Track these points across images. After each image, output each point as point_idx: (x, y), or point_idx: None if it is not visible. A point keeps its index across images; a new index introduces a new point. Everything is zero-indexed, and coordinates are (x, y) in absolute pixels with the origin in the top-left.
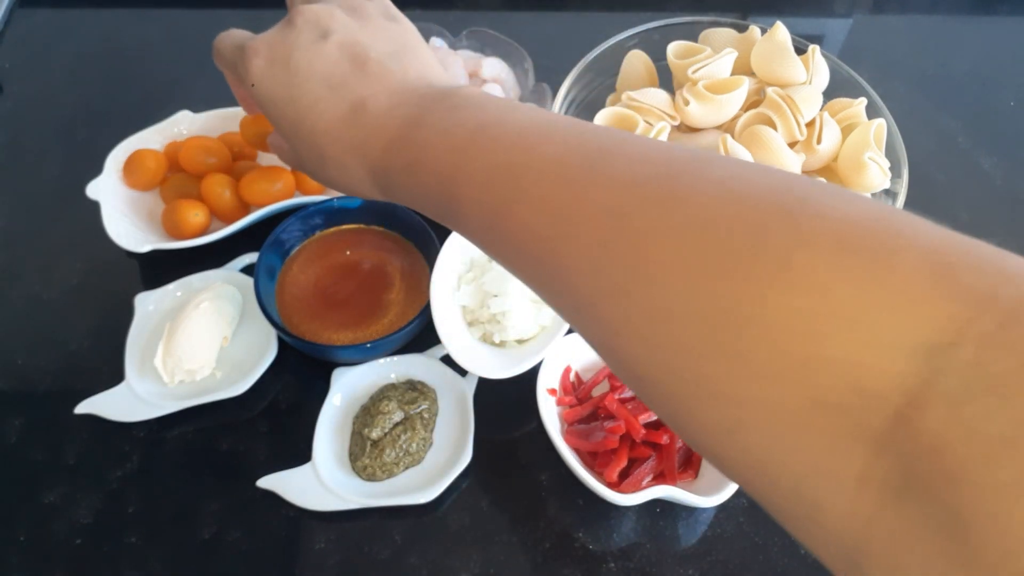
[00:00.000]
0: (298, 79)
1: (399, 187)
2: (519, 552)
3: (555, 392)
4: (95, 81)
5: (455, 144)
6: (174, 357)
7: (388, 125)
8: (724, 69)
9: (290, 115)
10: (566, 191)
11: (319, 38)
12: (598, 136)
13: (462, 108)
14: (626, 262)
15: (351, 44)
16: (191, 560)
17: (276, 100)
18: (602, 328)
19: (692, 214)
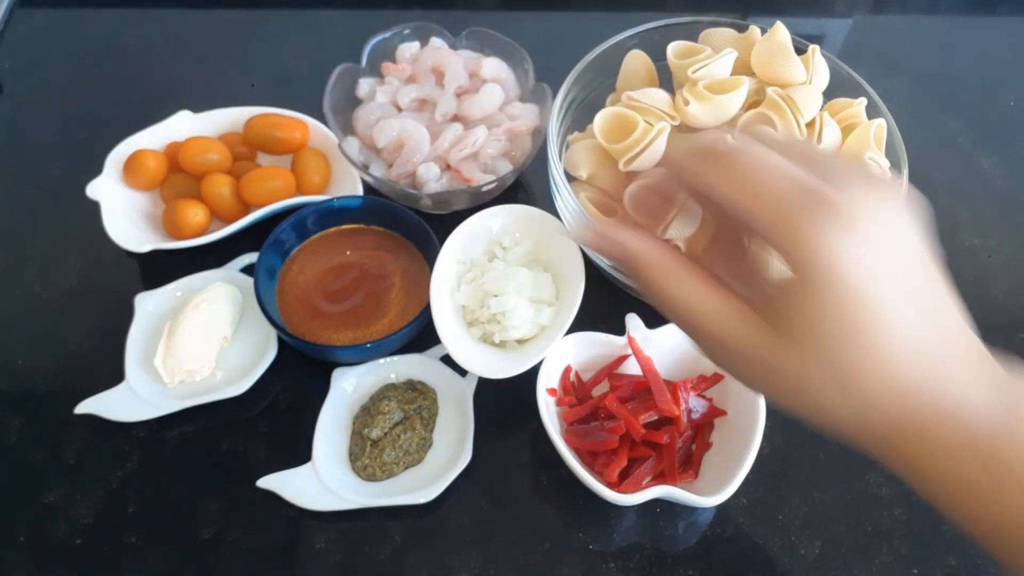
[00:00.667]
0: (882, 276)
1: (941, 471)
2: (519, 552)
3: (555, 392)
4: (95, 81)
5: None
6: (174, 357)
7: (970, 401)
8: (724, 69)
9: (859, 313)
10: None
11: (920, 248)
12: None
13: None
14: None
15: (932, 267)
16: (191, 560)
17: (852, 288)
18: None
19: None
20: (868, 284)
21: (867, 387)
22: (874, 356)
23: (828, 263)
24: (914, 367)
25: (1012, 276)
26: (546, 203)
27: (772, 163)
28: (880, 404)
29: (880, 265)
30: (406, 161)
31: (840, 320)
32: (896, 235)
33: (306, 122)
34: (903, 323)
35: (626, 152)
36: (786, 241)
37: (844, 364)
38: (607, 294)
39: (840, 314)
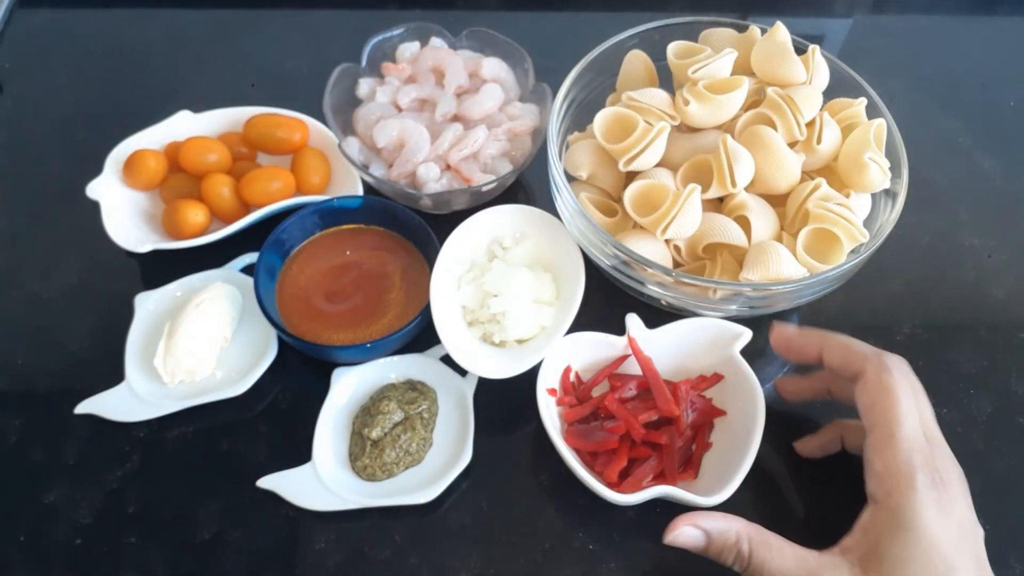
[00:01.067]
0: (961, 543)
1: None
2: (519, 552)
3: (555, 392)
4: (95, 81)
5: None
6: (174, 357)
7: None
8: (724, 69)
9: (934, 566)
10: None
11: (978, 525)
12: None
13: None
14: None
15: (973, 535)
16: (191, 560)
17: (931, 539)
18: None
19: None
20: (952, 551)
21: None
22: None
23: (927, 524)
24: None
25: (1012, 276)
26: (546, 203)
27: (917, 422)
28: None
29: (961, 543)
30: (406, 161)
31: (926, 569)
32: (967, 519)
33: (306, 122)
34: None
35: (626, 152)
36: (896, 489)
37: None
38: (607, 294)
39: (927, 568)
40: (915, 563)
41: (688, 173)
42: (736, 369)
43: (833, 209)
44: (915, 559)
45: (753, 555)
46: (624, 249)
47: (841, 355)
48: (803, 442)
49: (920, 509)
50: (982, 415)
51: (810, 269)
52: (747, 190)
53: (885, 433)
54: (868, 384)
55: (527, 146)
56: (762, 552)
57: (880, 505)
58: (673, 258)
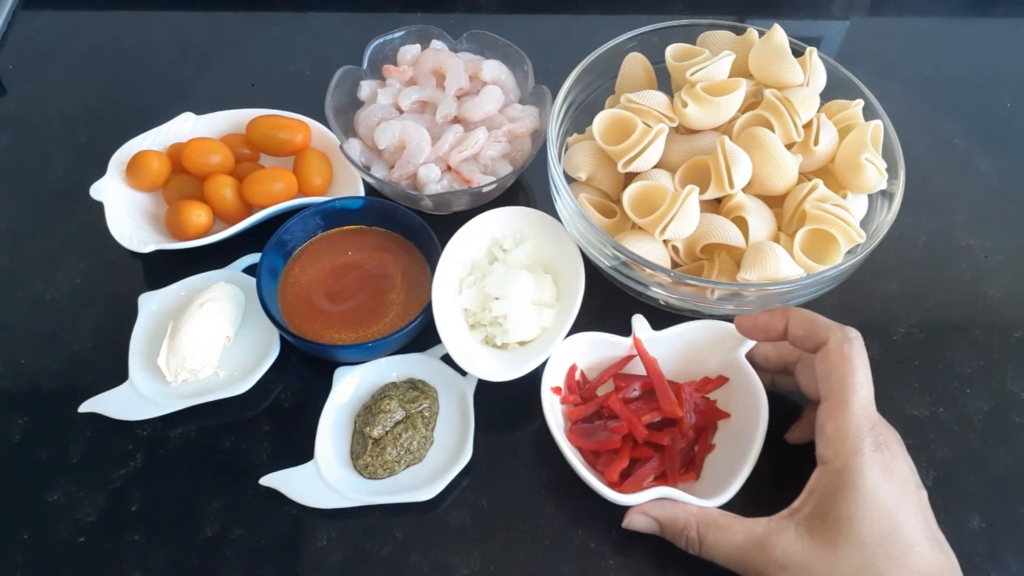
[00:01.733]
0: (905, 500)
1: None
2: (519, 549)
3: (559, 390)
4: (98, 83)
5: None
6: (177, 356)
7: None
8: (722, 71)
9: (881, 523)
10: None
11: (919, 484)
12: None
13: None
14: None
15: (916, 494)
16: (194, 557)
17: (876, 496)
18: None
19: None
20: (898, 509)
21: None
22: (900, 571)
23: (871, 483)
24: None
25: (1008, 276)
26: (546, 204)
27: (869, 392)
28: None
29: (906, 500)
30: (407, 162)
31: (873, 529)
32: (910, 479)
33: (308, 124)
34: (928, 553)
35: (625, 154)
36: (843, 451)
37: (873, 568)
38: (608, 295)
39: (874, 524)
40: (859, 520)
41: (686, 174)
42: (741, 372)
43: (830, 210)
44: (860, 516)
45: (703, 539)
46: (623, 250)
47: (805, 326)
48: (791, 431)
49: (865, 470)
50: (978, 414)
51: (807, 269)
52: (745, 191)
53: (840, 399)
54: (830, 352)
55: (527, 148)
56: (712, 534)
57: (827, 466)
58: (672, 259)
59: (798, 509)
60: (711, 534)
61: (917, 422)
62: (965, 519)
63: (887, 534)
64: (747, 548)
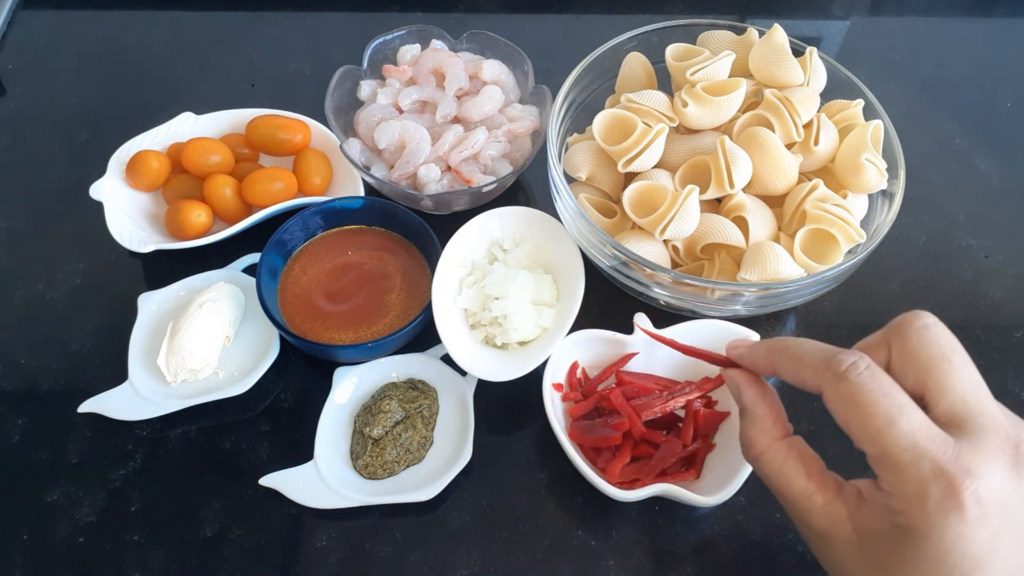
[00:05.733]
0: (990, 555)
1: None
2: (519, 549)
3: (561, 387)
4: (98, 82)
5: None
6: (177, 356)
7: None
8: (722, 71)
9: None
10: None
11: None
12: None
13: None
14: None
15: None
16: (193, 558)
17: (943, 561)
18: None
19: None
20: (962, 561)
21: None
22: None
23: (928, 538)
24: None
25: (1009, 276)
26: (546, 204)
27: (908, 426)
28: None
29: (991, 555)
30: (407, 162)
31: None
32: (1012, 513)
33: (308, 124)
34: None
35: (625, 153)
36: (906, 508)
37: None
38: (608, 294)
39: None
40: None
41: (686, 174)
42: None
43: (830, 210)
44: (915, 573)
45: (764, 449)
46: (623, 250)
47: (793, 375)
48: None
49: (932, 532)
50: None
51: (807, 269)
52: (745, 191)
53: (876, 450)
54: (832, 403)
55: (527, 147)
56: (776, 456)
57: (892, 517)
58: (672, 258)
59: (857, 511)
60: (775, 463)
61: None
62: None
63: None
64: (798, 499)
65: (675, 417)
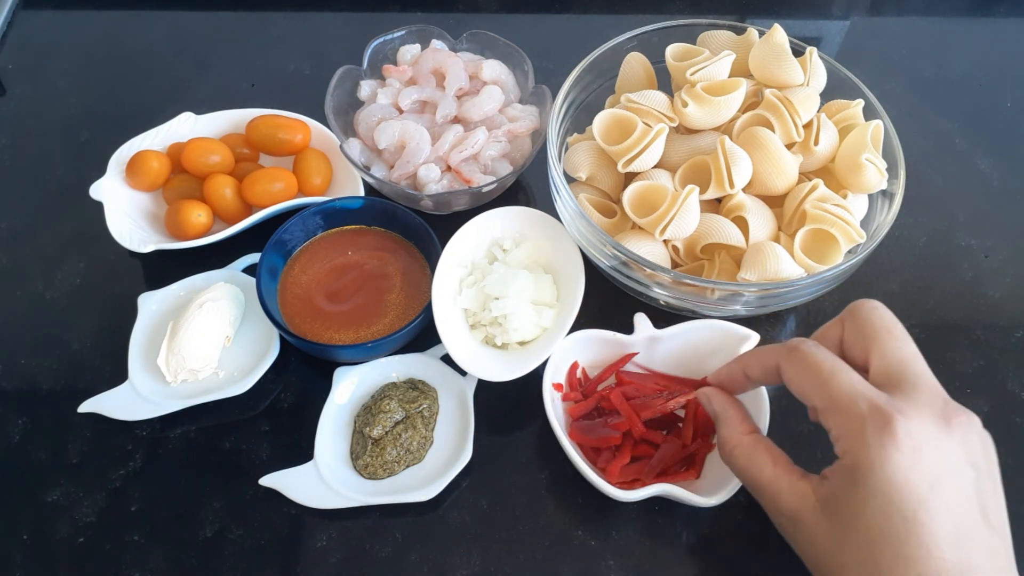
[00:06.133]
0: (932, 498)
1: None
2: (519, 549)
3: (561, 387)
4: (98, 82)
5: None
6: (177, 356)
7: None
8: (722, 71)
9: (895, 524)
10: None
11: (970, 466)
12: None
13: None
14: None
15: (981, 496)
16: (193, 558)
17: (890, 499)
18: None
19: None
20: (905, 496)
21: None
22: (901, 555)
23: (872, 474)
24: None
25: (1009, 276)
26: (546, 204)
27: (847, 377)
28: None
29: (932, 495)
30: (407, 162)
31: (883, 528)
32: (952, 469)
33: (308, 124)
34: (938, 536)
35: (625, 153)
36: (850, 447)
37: (876, 562)
38: (608, 294)
39: (884, 523)
40: (867, 518)
41: (686, 174)
42: None
43: (830, 210)
44: (867, 515)
45: (735, 454)
46: (623, 250)
47: (759, 366)
48: None
49: (875, 465)
50: (979, 414)
51: (807, 269)
52: (745, 191)
53: (823, 405)
54: (785, 371)
55: (527, 147)
56: (746, 454)
57: (841, 462)
58: (672, 258)
59: (818, 484)
60: (746, 455)
61: None
62: None
63: (898, 534)
64: (768, 484)
65: (675, 417)
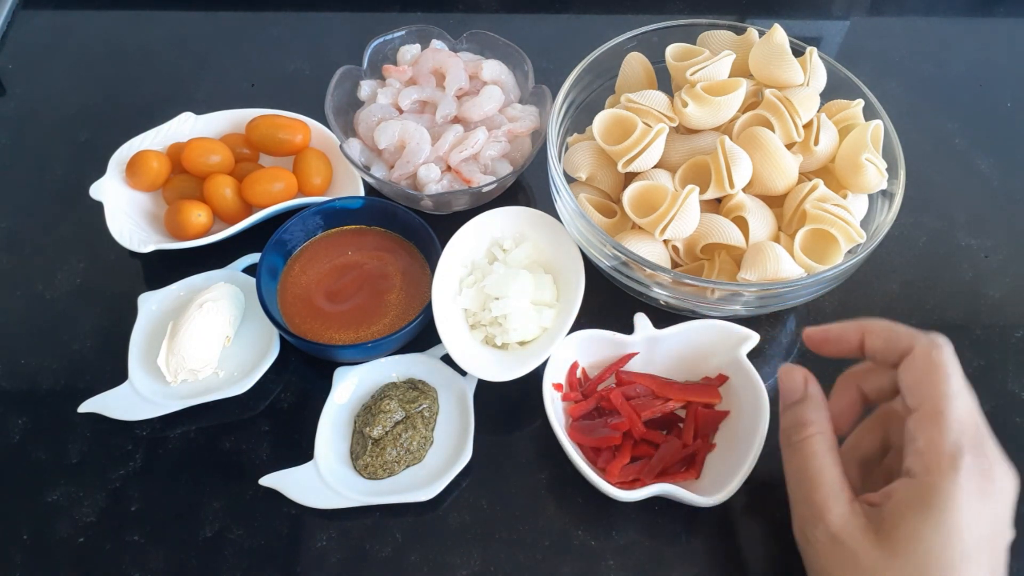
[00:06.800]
0: (987, 544)
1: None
2: (519, 549)
3: (561, 387)
4: (98, 82)
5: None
6: (177, 356)
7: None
8: (722, 71)
9: (951, 555)
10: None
11: (1010, 527)
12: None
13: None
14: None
15: (1005, 555)
16: (193, 558)
17: (960, 530)
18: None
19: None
20: (974, 552)
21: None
22: None
23: (959, 513)
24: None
25: (1009, 276)
26: (546, 204)
27: (968, 403)
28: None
29: (987, 544)
30: (407, 162)
31: (940, 559)
32: (1005, 527)
33: (308, 124)
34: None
35: (625, 153)
36: (934, 466)
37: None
38: (608, 294)
39: (942, 555)
40: (931, 543)
41: (686, 174)
42: (741, 371)
43: (830, 210)
44: (932, 539)
45: (799, 444)
46: (623, 250)
47: (886, 336)
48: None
49: (956, 492)
50: None
51: (807, 269)
52: (745, 191)
53: (933, 409)
54: (916, 360)
55: (527, 148)
56: (807, 453)
57: (915, 480)
58: (672, 258)
59: (874, 504)
60: (823, 448)
61: None
62: None
63: (952, 564)
64: (826, 491)
65: (675, 417)
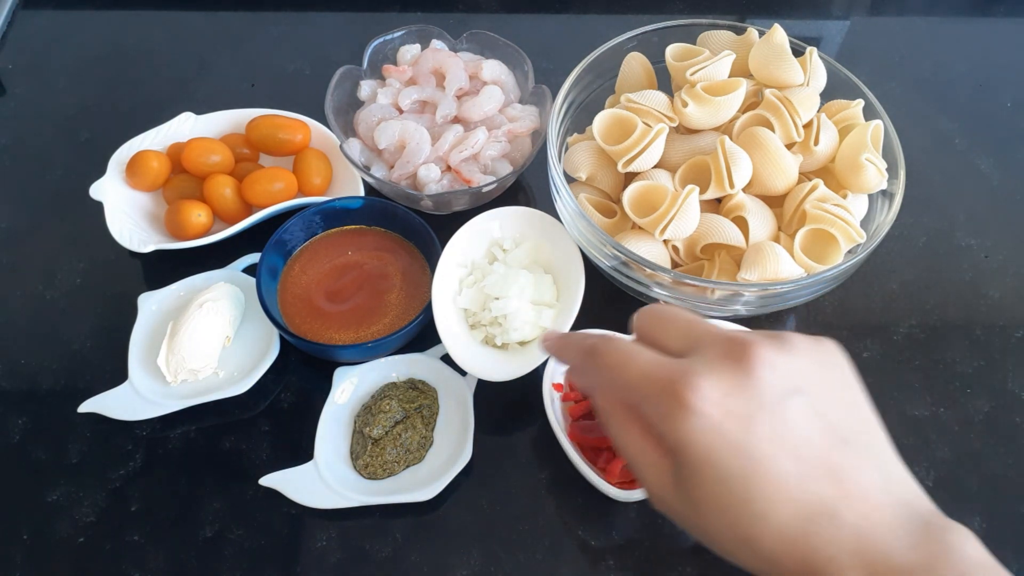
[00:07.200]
0: (758, 445)
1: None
2: (519, 549)
3: (561, 387)
4: (98, 82)
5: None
6: (177, 356)
7: (870, 548)
8: (722, 71)
9: (733, 486)
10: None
11: (785, 395)
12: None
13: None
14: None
15: (822, 414)
16: (193, 558)
17: (717, 465)
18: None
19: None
20: (729, 456)
21: (762, 544)
22: (754, 514)
23: (688, 448)
24: (797, 517)
25: (1009, 276)
26: (546, 204)
27: (639, 360)
28: (777, 556)
29: (755, 443)
30: (407, 162)
31: (725, 495)
32: (765, 406)
33: (308, 124)
34: (780, 479)
35: (625, 153)
36: (663, 429)
37: (734, 527)
38: (608, 294)
39: (723, 490)
40: (708, 489)
41: (686, 174)
42: None
43: (830, 210)
44: (706, 486)
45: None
46: (623, 250)
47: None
48: None
49: (683, 439)
50: (979, 414)
51: (807, 269)
52: (745, 191)
53: (627, 397)
54: (578, 375)
55: (527, 147)
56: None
57: (668, 449)
58: (672, 259)
59: None
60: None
61: (918, 422)
62: (966, 519)
63: (742, 495)
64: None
65: None
